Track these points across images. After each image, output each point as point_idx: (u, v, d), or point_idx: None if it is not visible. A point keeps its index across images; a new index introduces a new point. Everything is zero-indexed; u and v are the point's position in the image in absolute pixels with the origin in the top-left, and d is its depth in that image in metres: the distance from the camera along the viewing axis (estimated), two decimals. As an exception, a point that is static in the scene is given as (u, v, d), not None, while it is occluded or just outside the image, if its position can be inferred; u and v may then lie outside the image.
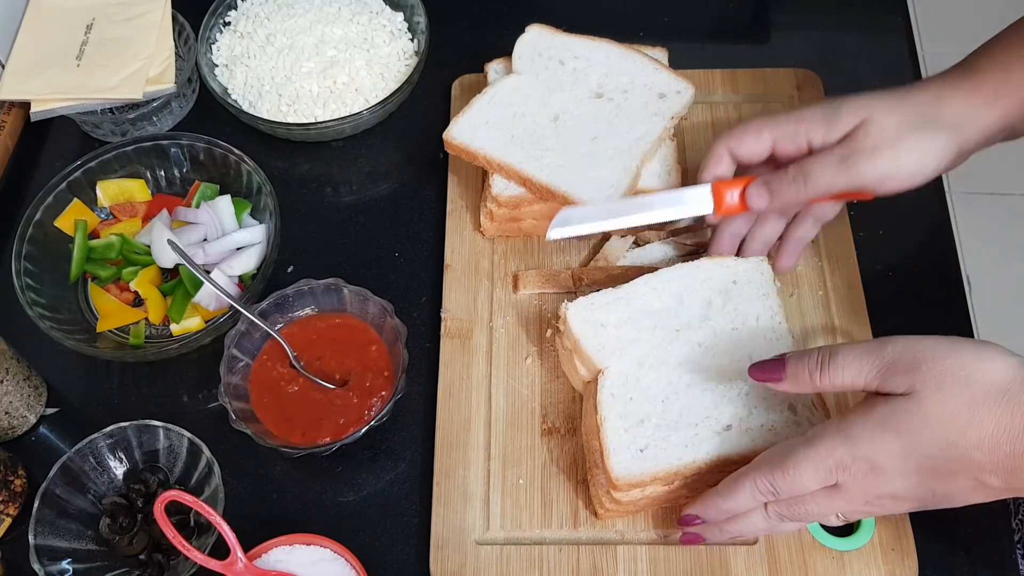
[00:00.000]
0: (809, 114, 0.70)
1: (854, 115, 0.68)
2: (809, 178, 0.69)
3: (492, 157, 0.81)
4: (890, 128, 0.67)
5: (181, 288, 0.83)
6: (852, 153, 0.67)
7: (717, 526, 0.67)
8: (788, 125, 0.70)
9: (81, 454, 0.74)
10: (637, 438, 0.69)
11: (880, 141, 0.67)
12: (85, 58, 0.94)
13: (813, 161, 0.69)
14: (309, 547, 0.70)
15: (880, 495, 0.60)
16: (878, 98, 0.68)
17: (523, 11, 0.93)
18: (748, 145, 0.72)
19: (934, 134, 0.67)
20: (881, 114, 0.67)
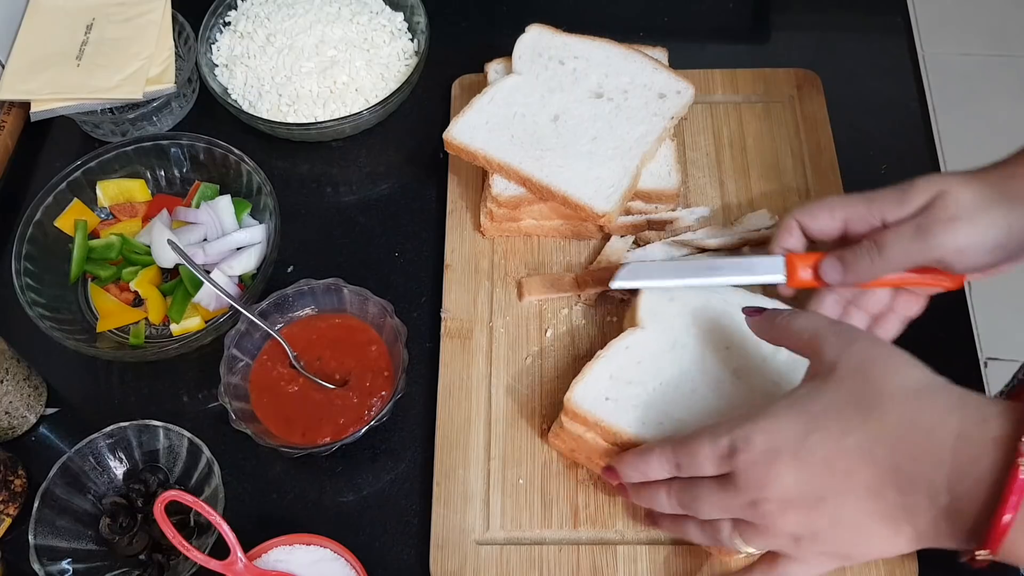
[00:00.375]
0: (882, 193, 0.68)
1: (928, 189, 0.66)
2: (884, 249, 0.66)
3: (492, 157, 0.81)
4: (967, 200, 0.65)
5: (181, 288, 0.83)
6: (929, 223, 0.65)
7: (633, 488, 0.67)
8: (860, 204, 0.68)
9: (81, 454, 0.74)
10: (612, 389, 0.70)
11: (957, 212, 0.64)
12: (85, 58, 0.94)
13: (888, 232, 0.67)
14: (309, 547, 0.70)
15: (767, 496, 0.58)
16: (952, 175, 0.66)
17: (523, 11, 0.93)
18: (821, 221, 0.70)
19: (1012, 208, 0.64)
20: (956, 187, 0.65)
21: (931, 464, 0.54)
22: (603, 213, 0.78)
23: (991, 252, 0.65)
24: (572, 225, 0.84)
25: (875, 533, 0.57)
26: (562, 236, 0.86)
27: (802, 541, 0.59)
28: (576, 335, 0.81)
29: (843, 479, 0.56)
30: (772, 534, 0.60)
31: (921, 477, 0.54)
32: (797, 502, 0.58)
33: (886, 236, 0.67)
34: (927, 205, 0.66)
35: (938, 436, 0.54)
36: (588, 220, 0.81)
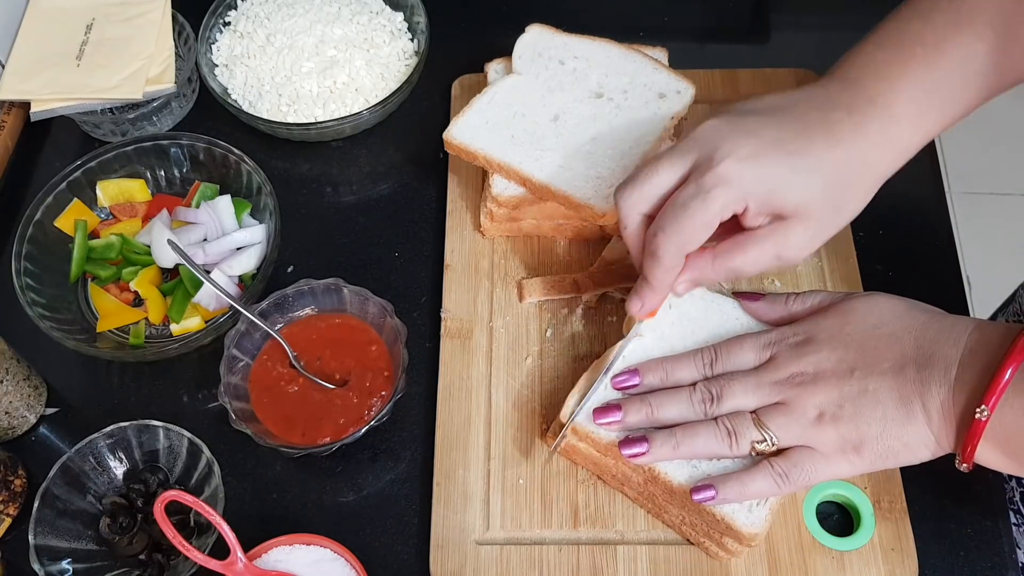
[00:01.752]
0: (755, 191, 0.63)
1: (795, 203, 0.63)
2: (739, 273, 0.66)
3: (492, 157, 0.81)
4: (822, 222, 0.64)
5: (181, 288, 0.83)
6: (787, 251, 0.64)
7: (647, 404, 0.67)
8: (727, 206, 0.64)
9: (81, 454, 0.74)
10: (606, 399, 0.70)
11: (814, 238, 0.64)
12: (85, 58, 0.94)
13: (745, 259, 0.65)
14: (309, 547, 0.70)
15: (804, 370, 0.65)
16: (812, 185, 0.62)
17: (523, 11, 0.93)
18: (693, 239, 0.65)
19: (859, 203, 0.65)
20: (815, 209, 0.63)
21: (950, 343, 0.62)
22: (603, 213, 0.78)
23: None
24: (572, 225, 0.84)
25: (891, 416, 0.62)
26: (562, 236, 0.86)
27: (824, 418, 0.63)
28: (576, 335, 0.81)
29: (872, 355, 0.63)
30: (798, 410, 0.64)
31: (939, 354, 0.62)
32: (828, 373, 0.64)
33: (744, 264, 0.65)
34: (784, 226, 0.63)
35: (958, 327, 0.63)
36: (588, 220, 0.81)
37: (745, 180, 0.61)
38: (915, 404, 0.62)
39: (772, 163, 0.62)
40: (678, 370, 0.68)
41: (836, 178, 0.63)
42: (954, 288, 0.84)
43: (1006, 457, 0.60)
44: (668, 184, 0.64)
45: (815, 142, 0.62)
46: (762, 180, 0.62)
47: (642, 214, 0.66)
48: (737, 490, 0.64)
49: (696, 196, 0.62)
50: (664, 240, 0.63)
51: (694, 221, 0.62)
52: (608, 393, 0.70)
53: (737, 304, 0.73)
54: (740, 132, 0.63)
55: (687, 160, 0.64)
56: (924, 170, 0.90)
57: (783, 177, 0.62)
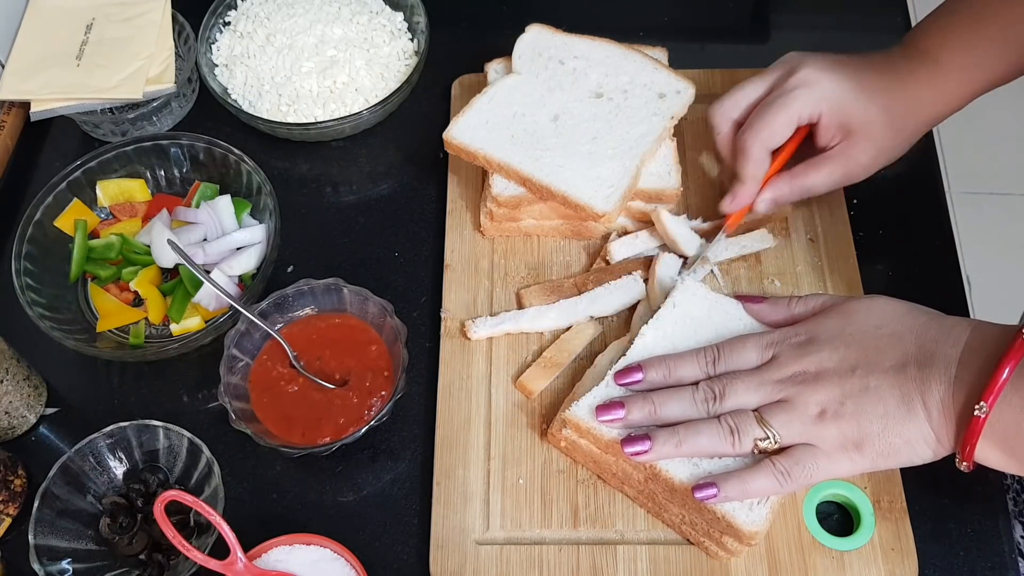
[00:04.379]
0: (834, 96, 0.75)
1: (865, 120, 0.75)
2: (813, 190, 0.78)
3: (492, 157, 0.81)
4: (882, 144, 0.76)
5: (181, 288, 0.83)
6: (852, 170, 0.77)
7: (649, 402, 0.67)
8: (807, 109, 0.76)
9: (81, 454, 0.74)
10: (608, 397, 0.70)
11: (875, 157, 0.77)
12: (85, 58, 0.94)
13: (818, 176, 0.77)
14: (309, 547, 0.70)
15: (806, 369, 0.65)
16: (880, 111, 0.75)
17: (523, 11, 0.93)
18: (778, 136, 0.76)
19: (911, 137, 0.78)
20: (879, 129, 0.75)
21: (950, 343, 0.63)
22: (603, 213, 0.78)
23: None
24: (572, 225, 0.84)
25: (892, 413, 0.62)
26: (562, 236, 0.86)
27: (826, 416, 0.64)
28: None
29: (874, 354, 0.64)
30: (800, 408, 0.65)
31: (940, 353, 0.63)
32: (831, 371, 0.65)
33: (816, 180, 0.77)
34: (850, 144, 0.76)
35: (958, 327, 0.64)
36: (588, 220, 0.81)
37: (823, 86, 0.74)
38: (916, 402, 0.62)
39: (844, 78, 0.74)
40: (681, 367, 0.69)
41: (895, 105, 0.75)
42: (954, 288, 0.84)
43: (1005, 455, 0.60)
44: (755, 94, 0.77)
45: (879, 75, 0.75)
46: (835, 90, 0.74)
47: (732, 120, 0.78)
48: (739, 488, 0.64)
49: (780, 96, 0.74)
50: (751, 136, 0.75)
51: (778, 117, 0.74)
52: (610, 390, 0.70)
53: (740, 304, 0.74)
54: (818, 55, 0.76)
55: (772, 76, 0.77)
56: (924, 170, 0.90)
57: (852, 93, 0.74)
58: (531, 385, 0.78)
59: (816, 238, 0.84)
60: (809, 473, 0.64)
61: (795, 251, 0.84)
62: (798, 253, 0.84)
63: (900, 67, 0.76)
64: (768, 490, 0.65)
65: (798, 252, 0.84)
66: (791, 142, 0.77)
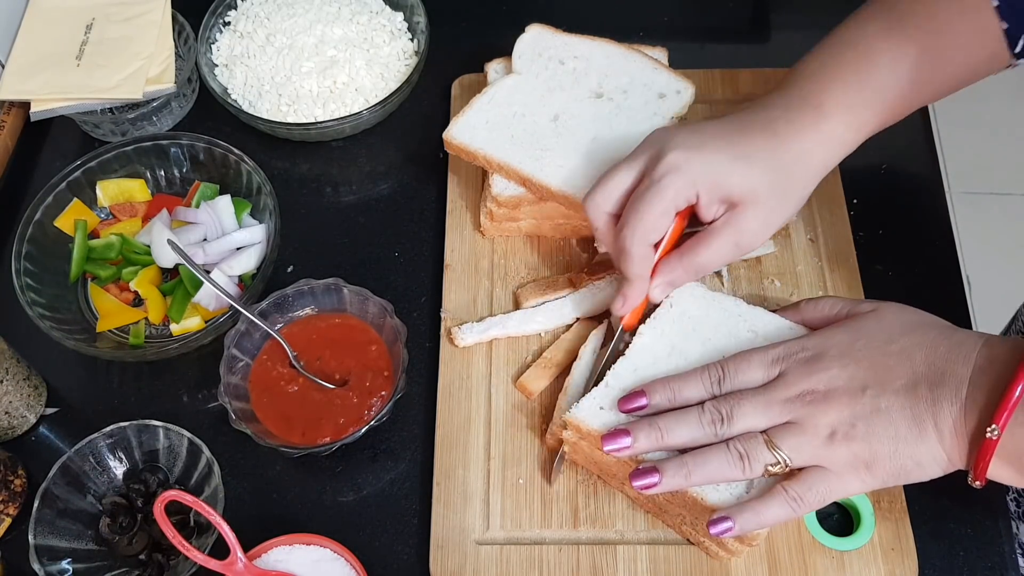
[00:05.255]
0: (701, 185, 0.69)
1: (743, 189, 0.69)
2: (706, 269, 0.72)
3: (492, 157, 0.81)
4: (772, 206, 0.70)
5: (181, 288, 0.83)
6: (743, 240, 0.70)
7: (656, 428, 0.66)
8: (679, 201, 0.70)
9: (81, 454, 0.74)
10: (607, 397, 0.70)
11: (766, 222, 0.70)
12: (85, 58, 0.94)
13: (707, 254, 0.70)
14: (309, 547, 0.70)
15: (815, 388, 0.63)
16: (757, 171, 0.68)
17: (523, 11, 0.93)
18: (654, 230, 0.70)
19: (802, 193, 0.71)
20: (764, 193, 0.69)
21: (960, 361, 0.61)
22: (603, 213, 0.78)
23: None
24: (572, 225, 0.84)
25: (903, 435, 0.61)
26: (562, 236, 0.86)
27: (836, 437, 0.62)
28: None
29: (884, 373, 0.63)
30: (810, 430, 0.63)
31: (950, 372, 0.61)
32: (841, 391, 0.63)
33: (707, 259, 0.71)
34: (734, 216, 0.69)
35: (968, 343, 0.63)
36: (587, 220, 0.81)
37: (692, 167, 0.68)
38: (927, 423, 0.61)
39: (715, 151, 0.68)
40: (685, 389, 0.67)
41: (776, 165, 0.69)
42: (954, 288, 0.84)
43: (1018, 473, 0.60)
44: (626, 183, 0.71)
45: (754, 135, 0.69)
46: (707, 167, 0.68)
47: (607, 213, 0.72)
48: (754, 520, 0.63)
49: (650, 188, 0.68)
50: (629, 233, 0.69)
51: (653, 210, 0.68)
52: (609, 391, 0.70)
53: (739, 301, 0.73)
54: (685, 130, 0.71)
55: (640, 160, 0.71)
56: (924, 170, 0.90)
57: (726, 164, 0.68)
58: (531, 385, 0.78)
59: (816, 238, 0.84)
60: (821, 496, 0.63)
61: (795, 251, 0.84)
62: (798, 253, 0.84)
63: (778, 121, 0.69)
64: (782, 517, 0.63)
65: (798, 252, 0.84)
66: (675, 227, 0.72)
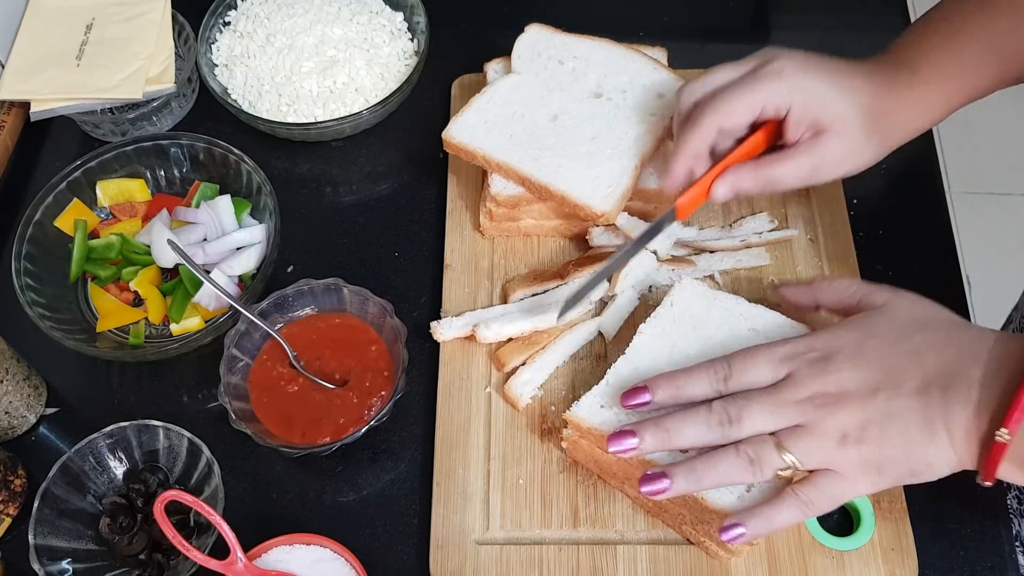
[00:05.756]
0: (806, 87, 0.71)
1: (837, 115, 0.71)
2: (779, 184, 0.72)
3: (491, 157, 0.81)
4: (854, 143, 0.72)
5: (181, 288, 0.83)
6: (821, 165, 0.72)
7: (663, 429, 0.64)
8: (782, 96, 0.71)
9: (81, 454, 0.74)
10: (608, 396, 0.70)
11: (846, 155, 0.72)
12: (85, 58, 0.94)
13: (785, 168, 0.72)
14: (309, 547, 0.70)
15: (825, 390, 0.62)
16: (853, 106, 0.71)
17: (523, 11, 0.93)
18: (738, 119, 0.72)
19: (885, 144, 0.73)
20: (851, 127, 0.71)
21: (970, 362, 0.60)
22: (602, 213, 0.78)
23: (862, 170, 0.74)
24: (572, 225, 0.84)
25: (915, 438, 0.61)
26: (562, 236, 0.86)
27: (848, 440, 0.61)
28: (576, 335, 0.81)
29: (895, 375, 0.61)
30: (821, 434, 0.62)
31: (961, 373, 0.60)
32: (852, 394, 0.62)
33: (784, 174, 0.72)
34: (820, 140, 0.71)
35: (979, 343, 0.61)
36: (587, 220, 0.81)
37: (795, 80, 0.70)
38: (938, 426, 0.60)
39: (821, 73, 0.71)
40: (690, 386, 0.66)
41: (871, 107, 0.71)
42: (954, 288, 0.84)
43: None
44: (726, 79, 0.73)
45: (858, 77, 0.72)
46: (808, 85, 0.70)
47: (695, 101, 0.73)
48: (766, 525, 0.62)
49: (748, 79, 0.71)
50: (707, 110, 0.71)
51: (741, 98, 0.70)
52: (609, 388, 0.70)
53: (740, 299, 0.73)
54: (799, 52, 0.72)
55: (748, 64, 0.72)
56: (924, 170, 0.90)
57: (826, 89, 0.70)
58: (505, 358, 0.78)
59: (816, 238, 0.84)
60: (832, 499, 0.62)
61: (795, 251, 0.84)
62: (798, 253, 0.84)
63: (880, 73, 0.73)
64: (794, 521, 0.62)
65: (798, 252, 0.84)
66: (757, 135, 0.73)
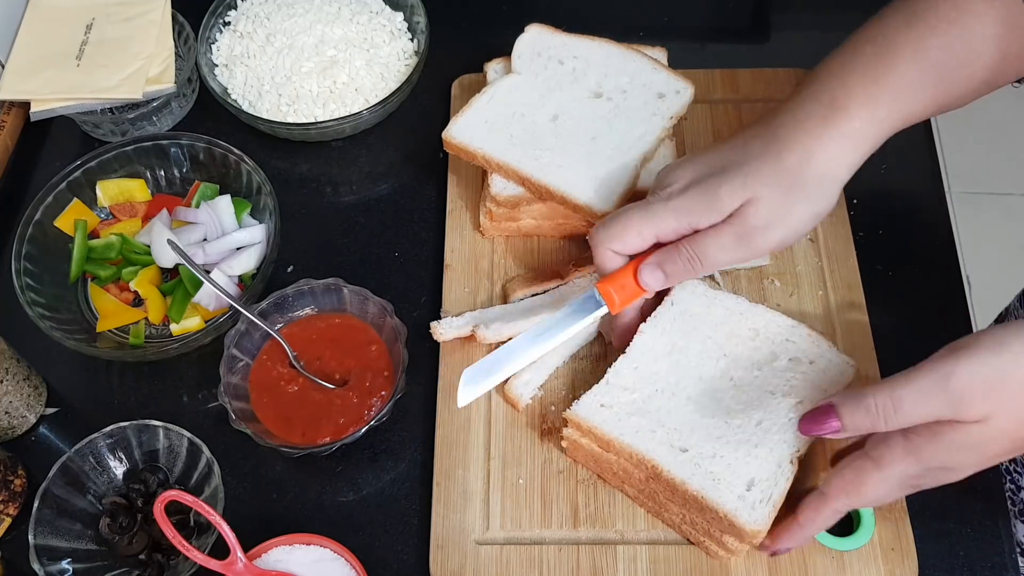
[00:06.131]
0: (688, 204, 0.67)
1: (736, 197, 0.66)
2: (706, 259, 0.68)
3: (491, 157, 0.81)
4: (776, 203, 0.66)
5: (181, 288, 0.83)
6: (747, 233, 0.67)
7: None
8: (668, 220, 0.68)
9: (81, 454, 0.74)
10: (608, 395, 0.70)
11: (771, 219, 0.66)
12: (85, 58, 0.94)
13: (708, 241, 0.67)
14: (309, 547, 0.70)
15: (951, 480, 0.62)
16: (752, 175, 0.66)
17: (523, 11, 0.94)
18: (631, 244, 0.70)
19: (818, 193, 0.66)
20: (764, 191, 0.66)
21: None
22: (601, 213, 0.78)
23: (803, 234, 0.69)
24: (571, 225, 0.84)
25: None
26: (562, 236, 0.86)
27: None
28: (576, 335, 0.81)
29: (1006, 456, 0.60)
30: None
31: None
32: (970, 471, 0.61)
33: (707, 247, 0.68)
34: (739, 213, 0.66)
35: None
36: (587, 220, 0.81)
37: (683, 200, 0.67)
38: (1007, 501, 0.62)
39: (704, 174, 0.67)
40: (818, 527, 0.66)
41: (776, 167, 0.65)
42: (954, 288, 0.84)
43: None
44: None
45: (751, 146, 0.67)
46: (697, 194, 0.67)
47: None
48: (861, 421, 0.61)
49: (640, 208, 0.69)
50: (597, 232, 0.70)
51: (630, 224, 0.69)
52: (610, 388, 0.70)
53: (740, 299, 0.73)
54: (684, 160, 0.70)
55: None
56: (924, 170, 0.90)
57: (714, 181, 0.66)
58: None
59: (816, 238, 0.84)
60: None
61: (795, 251, 0.84)
62: (798, 253, 0.84)
63: (783, 128, 0.67)
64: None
65: (798, 252, 0.84)
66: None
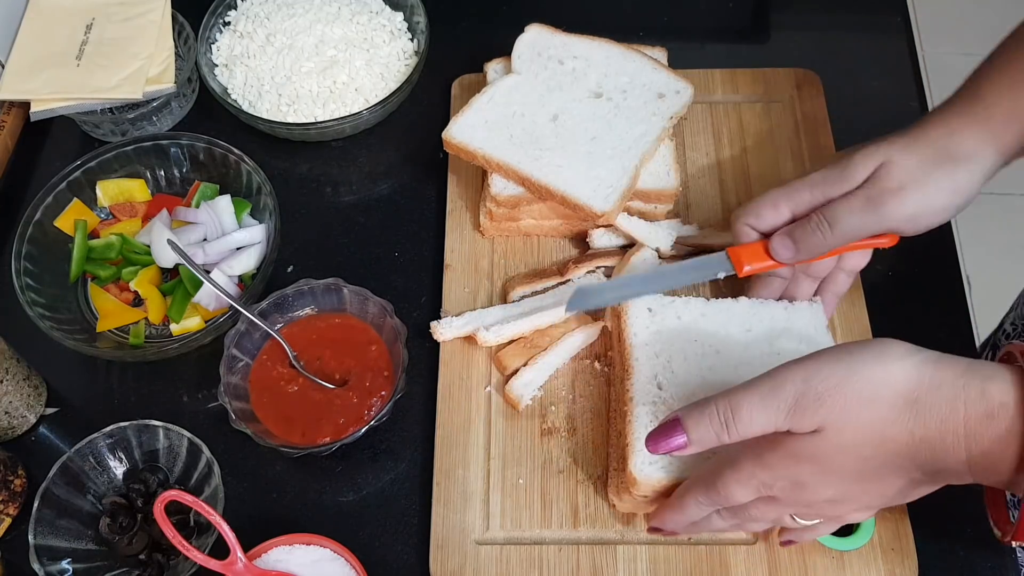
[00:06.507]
0: (822, 176, 0.68)
1: (870, 161, 0.66)
2: (835, 224, 0.67)
3: (491, 156, 0.81)
4: (912, 167, 0.65)
5: (181, 288, 0.83)
6: (878, 194, 0.66)
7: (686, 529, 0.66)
8: (804, 190, 0.69)
9: (81, 454, 0.74)
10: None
11: (905, 180, 0.65)
12: (85, 58, 0.94)
13: (838, 206, 0.67)
14: (309, 547, 0.70)
15: (816, 501, 0.60)
16: (891, 142, 0.67)
17: (523, 11, 0.93)
18: (767, 219, 0.71)
19: (956, 168, 0.65)
20: (900, 155, 0.66)
21: (951, 457, 0.54)
22: (601, 213, 0.78)
23: (940, 213, 0.67)
24: (571, 225, 0.84)
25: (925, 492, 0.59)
26: (561, 236, 0.86)
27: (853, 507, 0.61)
28: (576, 335, 0.81)
29: (877, 482, 0.58)
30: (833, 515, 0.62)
31: (947, 470, 0.55)
32: (851, 502, 0.60)
33: (837, 211, 0.67)
34: (872, 177, 0.66)
35: (949, 435, 0.54)
36: (587, 220, 0.81)
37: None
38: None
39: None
40: (687, 515, 0.65)
41: (915, 136, 0.66)
42: (954, 288, 0.84)
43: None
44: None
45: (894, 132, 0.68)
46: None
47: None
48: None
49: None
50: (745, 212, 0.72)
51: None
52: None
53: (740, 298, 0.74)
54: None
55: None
56: (924, 170, 0.90)
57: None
58: (506, 360, 0.78)
59: (816, 238, 0.84)
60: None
61: (795, 251, 0.84)
62: (798, 253, 0.84)
63: (941, 108, 0.68)
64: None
65: (798, 252, 0.84)
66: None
